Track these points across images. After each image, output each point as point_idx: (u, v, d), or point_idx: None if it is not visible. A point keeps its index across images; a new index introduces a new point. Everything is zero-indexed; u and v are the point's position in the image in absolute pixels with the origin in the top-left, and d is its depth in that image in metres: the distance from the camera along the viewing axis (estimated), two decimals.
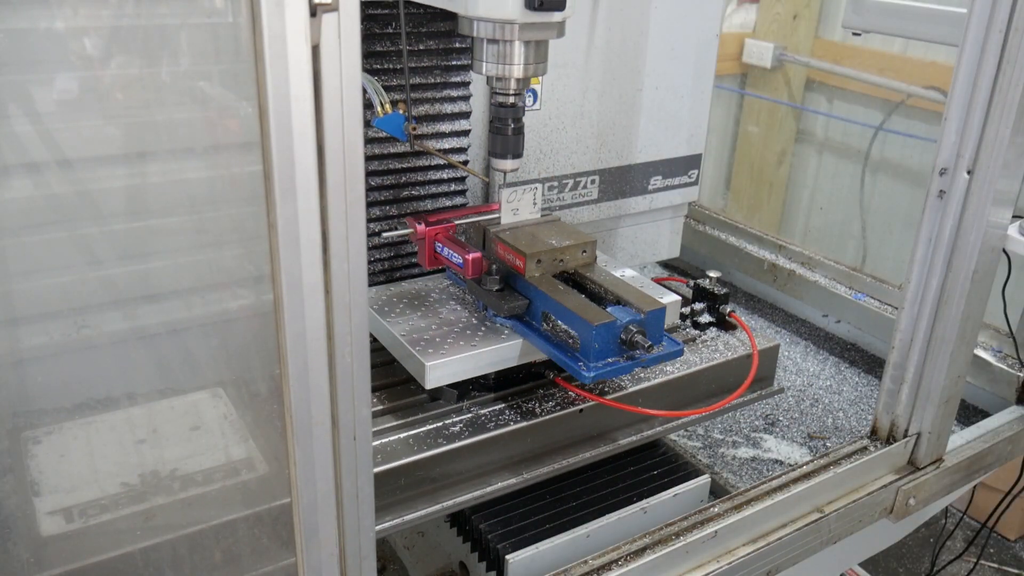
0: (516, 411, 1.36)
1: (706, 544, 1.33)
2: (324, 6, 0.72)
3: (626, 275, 1.56)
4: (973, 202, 1.36)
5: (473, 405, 1.37)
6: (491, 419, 1.34)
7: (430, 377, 1.29)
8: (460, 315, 1.43)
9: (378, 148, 1.50)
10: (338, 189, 0.79)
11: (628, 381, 1.44)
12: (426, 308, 1.45)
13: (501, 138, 1.44)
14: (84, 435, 1.28)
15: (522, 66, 1.34)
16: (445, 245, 1.46)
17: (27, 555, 1.12)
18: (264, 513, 1.20)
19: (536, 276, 1.37)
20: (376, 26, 1.43)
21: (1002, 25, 1.25)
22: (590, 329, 1.24)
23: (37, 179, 1.19)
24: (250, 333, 1.19)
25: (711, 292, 1.65)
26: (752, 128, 3.45)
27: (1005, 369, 1.86)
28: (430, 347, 1.32)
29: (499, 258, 1.42)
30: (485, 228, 1.45)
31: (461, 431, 1.31)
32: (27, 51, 1.12)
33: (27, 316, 1.24)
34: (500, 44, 1.32)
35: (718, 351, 1.56)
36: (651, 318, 1.30)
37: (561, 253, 1.40)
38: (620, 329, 1.27)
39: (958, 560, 2.93)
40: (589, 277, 1.41)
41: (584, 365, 1.26)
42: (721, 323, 1.64)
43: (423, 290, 1.52)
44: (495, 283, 1.39)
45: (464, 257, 1.41)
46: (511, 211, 1.47)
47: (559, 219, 1.52)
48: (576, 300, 1.32)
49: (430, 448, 1.26)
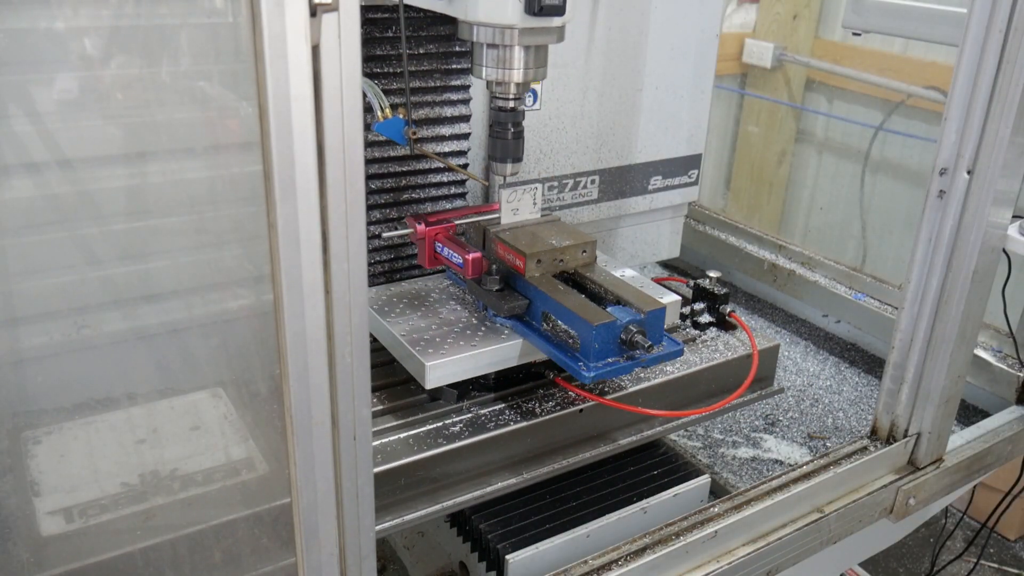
0: (516, 411, 1.36)
1: (706, 544, 1.33)
2: (324, 6, 0.72)
3: (626, 275, 1.56)
4: (973, 202, 1.36)
5: (473, 405, 1.36)
6: (491, 419, 1.34)
7: (430, 377, 1.29)
8: (460, 315, 1.43)
9: (378, 151, 1.50)
10: (338, 189, 0.79)
11: (628, 381, 1.44)
12: (426, 308, 1.45)
13: (501, 142, 1.44)
14: (84, 435, 1.28)
15: (522, 71, 1.35)
16: (445, 245, 1.46)
17: (27, 555, 1.12)
18: (264, 513, 1.20)
19: (536, 276, 1.37)
20: (376, 30, 1.44)
21: (1002, 25, 1.25)
22: (590, 329, 1.24)
23: (37, 179, 1.19)
24: (250, 333, 1.19)
25: (711, 292, 1.65)
26: (752, 128, 3.45)
27: (1005, 369, 1.86)
28: (430, 347, 1.32)
29: (499, 258, 1.42)
30: (485, 228, 1.45)
31: (461, 431, 1.31)
32: (27, 51, 1.12)
33: (27, 316, 1.24)
34: (500, 49, 1.33)
35: (718, 351, 1.56)
36: (651, 318, 1.29)
37: (561, 253, 1.40)
38: (620, 329, 1.27)
39: (958, 560, 2.93)
40: (589, 277, 1.41)
41: (584, 365, 1.26)
42: (721, 323, 1.64)
43: (423, 290, 1.52)
44: (495, 283, 1.39)
45: (464, 257, 1.41)
46: (511, 211, 1.47)
47: (559, 219, 1.52)
48: (576, 300, 1.32)
49: (430, 448, 1.26)
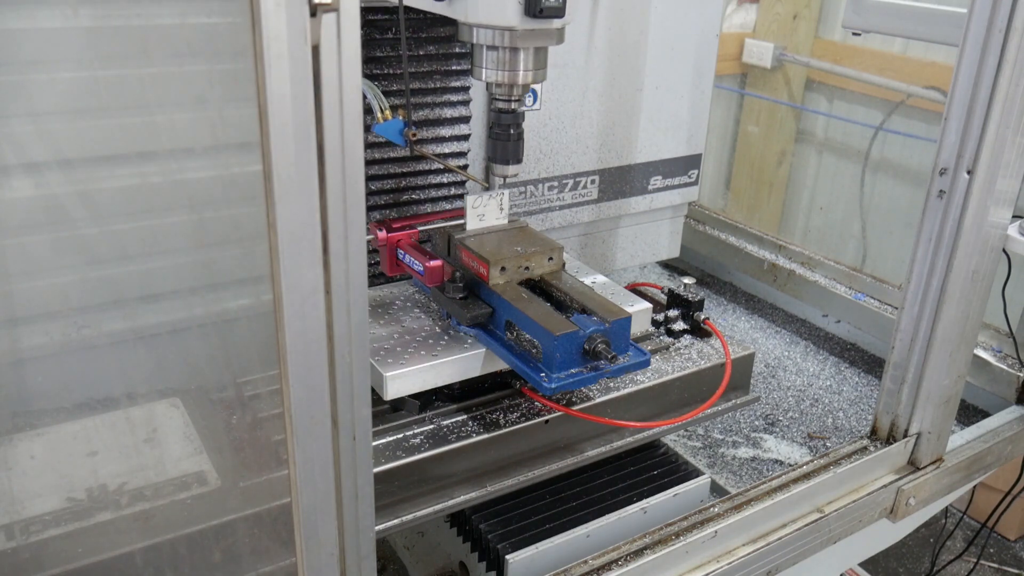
0: (479, 422, 1.32)
1: (706, 544, 1.33)
2: (324, 6, 0.72)
3: (597, 281, 1.53)
4: (973, 202, 1.36)
5: (436, 416, 1.32)
6: (453, 430, 1.30)
7: (389, 388, 1.26)
8: (423, 324, 1.39)
9: (378, 153, 1.49)
10: (338, 189, 0.79)
11: (596, 391, 1.40)
12: (389, 316, 1.41)
13: (501, 144, 1.43)
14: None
15: (521, 72, 1.34)
16: (407, 252, 1.42)
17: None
18: (264, 513, 1.20)
19: (500, 284, 1.33)
20: (376, 31, 1.43)
21: (1002, 25, 1.25)
22: (552, 339, 1.20)
23: (37, 179, 1.19)
24: (250, 333, 1.19)
25: (685, 299, 1.60)
26: (752, 128, 3.45)
27: (1005, 369, 1.86)
28: (390, 357, 1.28)
29: (464, 265, 1.38)
30: (450, 234, 1.41)
31: (421, 443, 1.27)
32: (27, 51, 1.12)
33: (27, 316, 1.24)
34: (500, 51, 1.32)
35: (691, 360, 1.52)
36: (616, 328, 1.25)
37: (527, 260, 1.36)
38: (583, 339, 1.22)
39: (958, 560, 2.93)
40: (555, 285, 1.36)
41: (546, 376, 1.22)
42: (696, 330, 1.60)
43: (387, 297, 1.48)
44: (459, 291, 1.35)
45: (425, 265, 1.37)
46: (477, 217, 1.43)
47: (527, 225, 1.48)
48: (539, 309, 1.28)
49: (389, 461, 1.23)
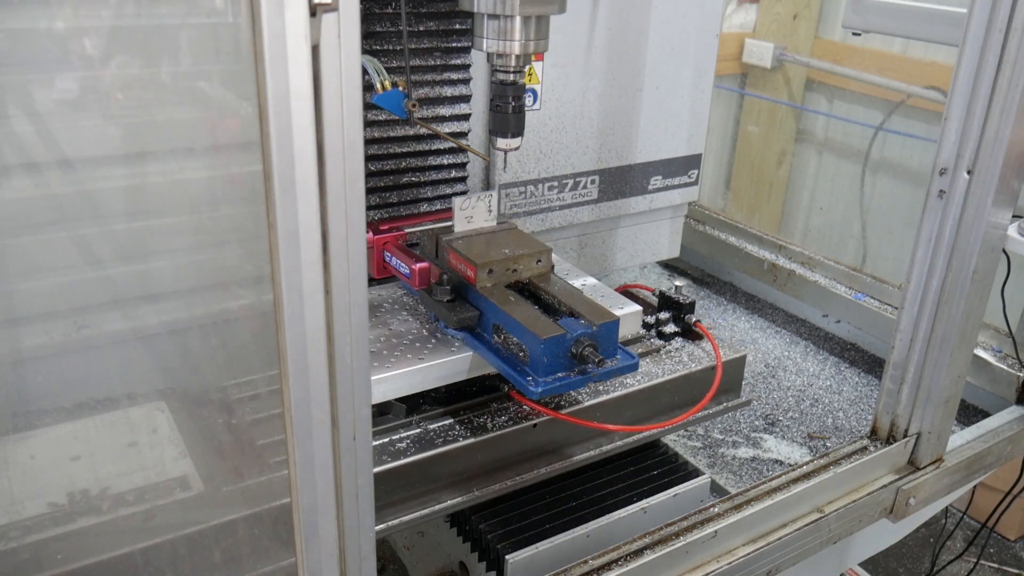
0: (467, 426, 1.31)
1: (706, 544, 1.33)
2: (324, 6, 0.72)
3: (587, 284, 1.52)
4: (973, 202, 1.36)
5: (423, 420, 1.31)
6: (440, 434, 1.29)
7: (373, 392, 1.24)
8: (411, 326, 1.38)
9: (378, 131, 1.47)
10: (338, 189, 0.79)
11: (585, 394, 1.38)
12: (376, 319, 1.40)
13: (501, 116, 1.42)
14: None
15: (522, 42, 1.33)
16: (394, 255, 1.41)
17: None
18: (264, 513, 1.20)
19: (487, 286, 1.32)
20: (376, 6, 1.41)
21: (1002, 25, 1.25)
22: (538, 343, 1.20)
23: (37, 179, 1.19)
24: (250, 333, 1.19)
25: (676, 301, 1.59)
26: (752, 128, 3.45)
27: (1005, 369, 1.86)
28: (376, 360, 1.27)
29: (451, 267, 1.37)
30: (438, 236, 1.40)
31: (407, 448, 1.26)
32: (27, 51, 1.12)
33: (27, 316, 1.24)
34: (501, 19, 1.31)
35: (682, 362, 1.51)
36: (603, 331, 1.24)
37: (515, 262, 1.35)
38: (570, 343, 1.21)
39: (958, 560, 2.93)
40: (543, 287, 1.35)
41: (533, 380, 1.21)
42: (687, 333, 1.59)
43: (375, 299, 1.47)
44: (446, 293, 1.34)
45: (411, 267, 1.36)
46: (465, 219, 1.42)
47: (515, 227, 1.48)
48: (526, 312, 1.27)
49: (375, 465, 1.19)
